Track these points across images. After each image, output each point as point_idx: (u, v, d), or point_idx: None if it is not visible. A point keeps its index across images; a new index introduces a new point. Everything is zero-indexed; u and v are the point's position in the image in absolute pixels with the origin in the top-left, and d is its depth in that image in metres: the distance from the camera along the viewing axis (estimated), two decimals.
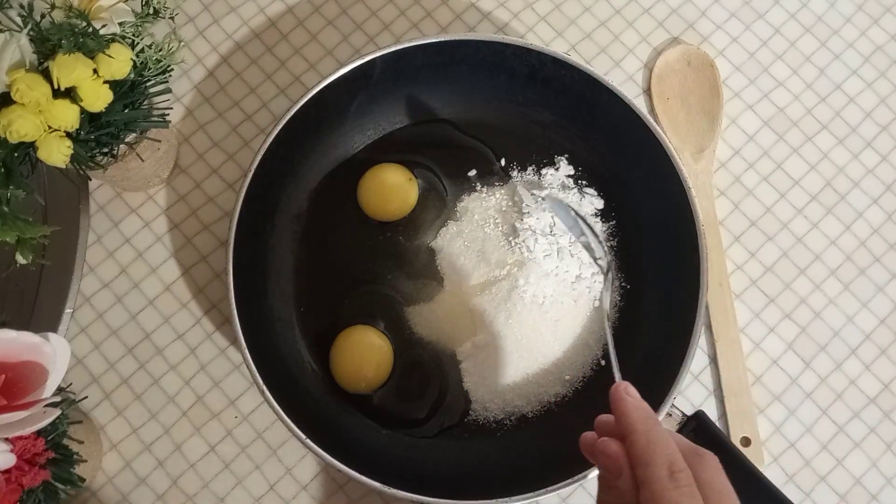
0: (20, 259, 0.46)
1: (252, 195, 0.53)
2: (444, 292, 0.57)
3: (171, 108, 0.50)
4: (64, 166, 0.44)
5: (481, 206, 0.58)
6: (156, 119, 0.49)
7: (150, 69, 0.47)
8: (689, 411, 0.51)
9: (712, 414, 0.57)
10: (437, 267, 0.58)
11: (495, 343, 0.55)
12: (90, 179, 0.59)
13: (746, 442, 0.56)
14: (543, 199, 0.57)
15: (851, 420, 0.57)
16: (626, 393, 0.38)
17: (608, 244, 0.58)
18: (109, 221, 0.60)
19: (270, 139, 0.53)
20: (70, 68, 0.42)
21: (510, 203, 0.58)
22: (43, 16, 0.43)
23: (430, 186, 0.59)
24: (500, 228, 0.58)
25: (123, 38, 0.45)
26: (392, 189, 0.58)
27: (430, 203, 0.59)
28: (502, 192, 0.59)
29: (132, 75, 0.46)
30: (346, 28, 0.64)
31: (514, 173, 0.59)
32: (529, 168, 0.60)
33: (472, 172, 0.60)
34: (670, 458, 0.34)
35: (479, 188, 0.59)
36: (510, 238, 0.57)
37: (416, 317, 0.57)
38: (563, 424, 0.54)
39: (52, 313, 0.55)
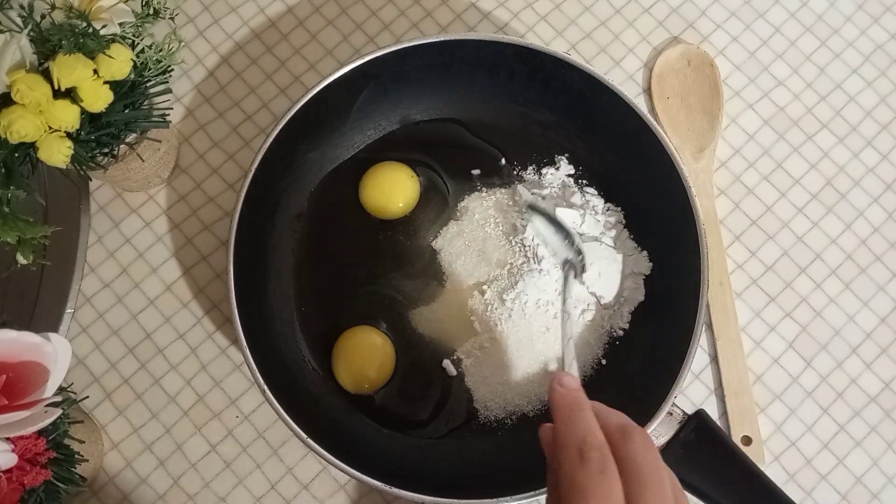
0: (21, 259, 0.46)
1: (252, 195, 0.53)
2: (445, 292, 0.58)
3: (172, 109, 0.50)
4: (64, 167, 0.44)
5: (482, 206, 0.59)
6: (156, 119, 0.49)
7: (150, 69, 0.47)
8: (691, 410, 0.51)
9: (713, 413, 0.57)
10: (438, 266, 0.58)
11: (496, 342, 0.55)
12: (91, 180, 0.59)
13: (747, 441, 0.56)
14: (526, 210, 0.57)
15: (852, 419, 0.57)
16: (559, 384, 0.38)
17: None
18: (110, 221, 0.60)
19: (271, 139, 0.53)
20: (70, 69, 0.42)
21: (510, 202, 0.58)
22: (43, 16, 0.43)
23: (432, 185, 0.59)
24: (501, 228, 0.58)
25: (124, 38, 0.45)
26: (394, 186, 0.58)
27: (431, 202, 0.59)
28: (503, 191, 0.59)
29: (132, 76, 0.46)
30: (346, 28, 0.64)
31: (515, 173, 0.60)
32: (530, 167, 0.60)
33: (476, 171, 0.60)
34: (582, 438, 0.34)
35: (479, 187, 0.59)
36: (510, 237, 0.57)
37: (418, 317, 0.57)
38: None
39: (52, 313, 0.55)
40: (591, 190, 0.59)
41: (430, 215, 0.59)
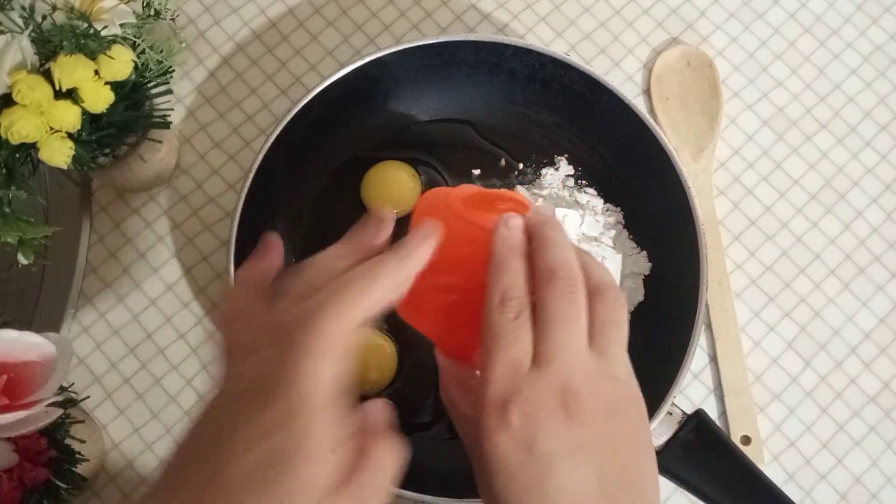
0: (22, 259, 0.46)
1: (253, 196, 0.53)
2: None
3: (173, 109, 0.51)
4: (65, 167, 0.44)
5: None
6: (157, 120, 0.50)
7: (151, 70, 0.47)
8: (690, 410, 0.51)
9: (712, 412, 0.57)
10: None
11: None
12: (92, 180, 0.59)
13: (746, 440, 0.56)
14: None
15: (851, 419, 0.57)
16: (505, 226, 0.36)
17: None
18: (111, 222, 0.60)
19: (271, 140, 0.54)
20: (71, 69, 0.42)
21: None
22: (44, 17, 0.44)
23: (434, 185, 0.59)
24: None
25: (125, 39, 0.45)
26: (396, 185, 0.58)
27: None
28: None
29: (133, 76, 0.46)
30: (346, 29, 0.64)
31: (515, 173, 0.60)
32: (529, 168, 0.60)
33: (477, 172, 0.60)
34: (507, 286, 0.34)
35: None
36: None
37: None
38: None
39: (54, 313, 0.55)
40: (590, 190, 0.59)
41: None
